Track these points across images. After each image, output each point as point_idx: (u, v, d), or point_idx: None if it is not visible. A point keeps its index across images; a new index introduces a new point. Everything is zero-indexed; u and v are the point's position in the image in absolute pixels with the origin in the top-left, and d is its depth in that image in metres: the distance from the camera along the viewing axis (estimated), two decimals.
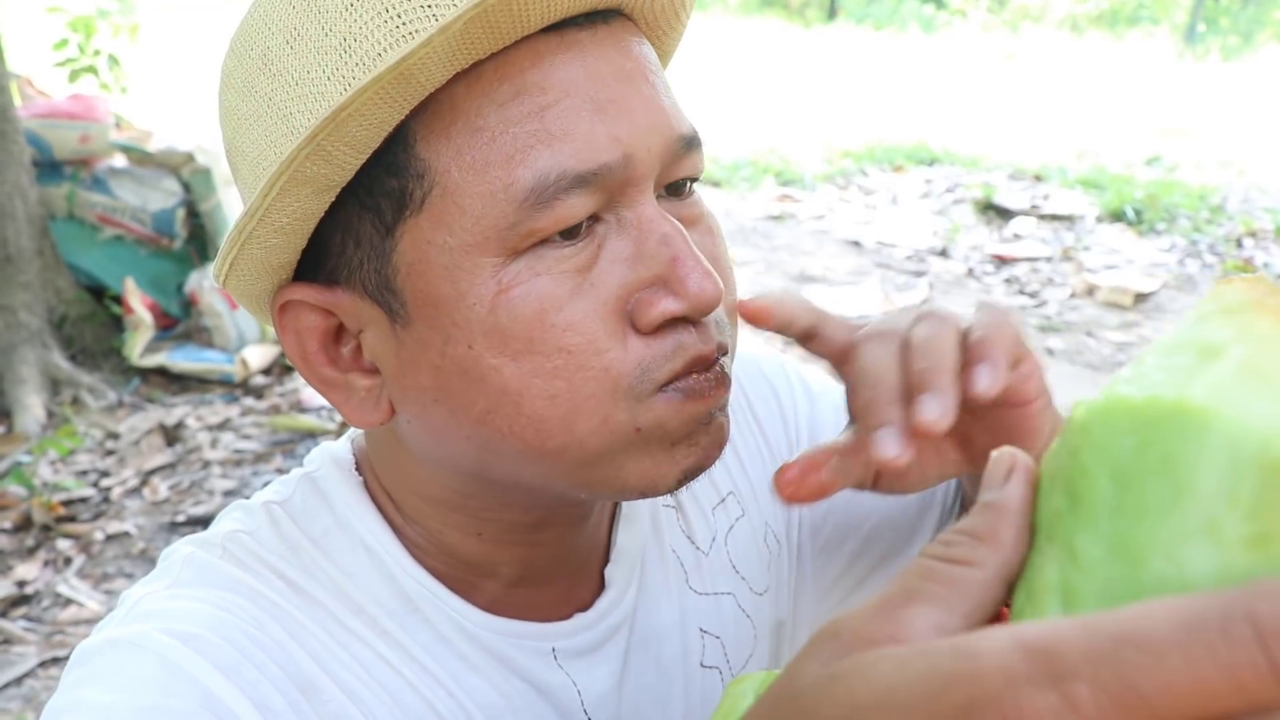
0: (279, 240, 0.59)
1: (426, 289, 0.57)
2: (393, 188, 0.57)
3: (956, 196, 6.93)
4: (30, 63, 5.14)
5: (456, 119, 0.55)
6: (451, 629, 0.68)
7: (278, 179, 0.55)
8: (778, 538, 0.88)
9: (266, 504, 0.70)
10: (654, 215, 0.58)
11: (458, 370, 0.58)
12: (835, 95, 10.02)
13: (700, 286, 0.57)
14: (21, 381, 3.59)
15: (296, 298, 0.62)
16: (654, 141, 0.58)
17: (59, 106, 4.01)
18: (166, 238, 4.08)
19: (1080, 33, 14.82)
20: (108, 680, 0.58)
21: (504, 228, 0.55)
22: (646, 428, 0.59)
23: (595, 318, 0.57)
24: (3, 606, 2.71)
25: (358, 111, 0.52)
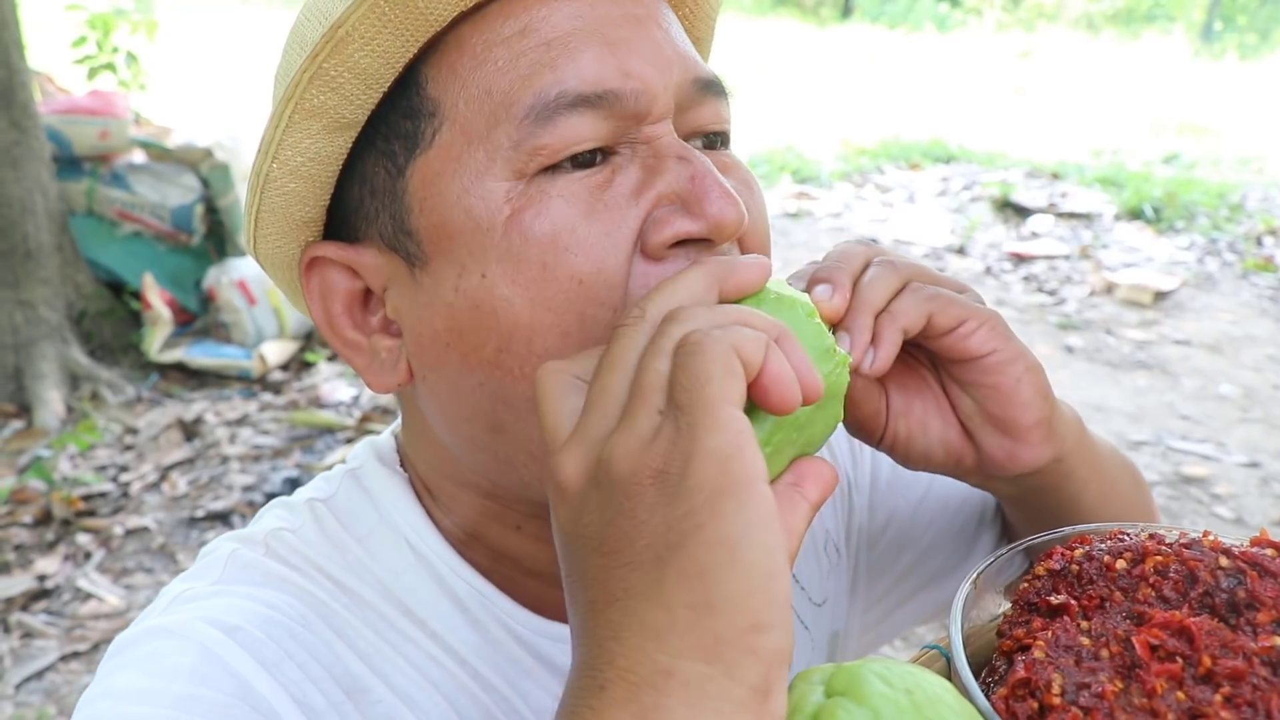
0: (296, 186, 0.58)
1: (440, 221, 0.57)
2: (407, 129, 0.57)
3: (974, 194, 6.90)
4: (50, 60, 5.17)
5: (463, 55, 0.56)
6: (501, 631, 0.67)
7: (285, 107, 0.55)
8: (837, 547, 0.87)
9: (310, 501, 0.68)
10: (671, 141, 0.57)
11: (470, 305, 0.56)
12: (851, 94, 9.99)
13: (720, 205, 0.54)
14: (41, 376, 3.60)
15: (320, 253, 0.61)
16: (667, 79, 0.57)
17: (79, 103, 4.02)
18: (185, 233, 4.09)
19: (1096, 31, 14.75)
20: (146, 666, 0.57)
21: (508, 147, 0.55)
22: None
23: (609, 241, 0.55)
24: (23, 600, 2.71)
25: (355, 31, 0.53)
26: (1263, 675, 0.49)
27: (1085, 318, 4.92)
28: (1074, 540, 0.58)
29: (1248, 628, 0.52)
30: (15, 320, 3.62)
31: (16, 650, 2.54)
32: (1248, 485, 3.43)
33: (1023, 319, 4.89)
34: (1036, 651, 0.50)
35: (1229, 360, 4.48)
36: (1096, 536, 0.58)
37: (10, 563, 2.85)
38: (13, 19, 3.55)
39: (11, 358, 3.62)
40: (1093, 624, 0.52)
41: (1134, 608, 0.53)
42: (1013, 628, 0.54)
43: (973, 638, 0.57)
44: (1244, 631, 0.52)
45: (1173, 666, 0.49)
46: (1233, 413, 3.99)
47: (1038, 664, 0.50)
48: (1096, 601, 0.54)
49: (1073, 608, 0.54)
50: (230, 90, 7.52)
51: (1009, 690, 0.49)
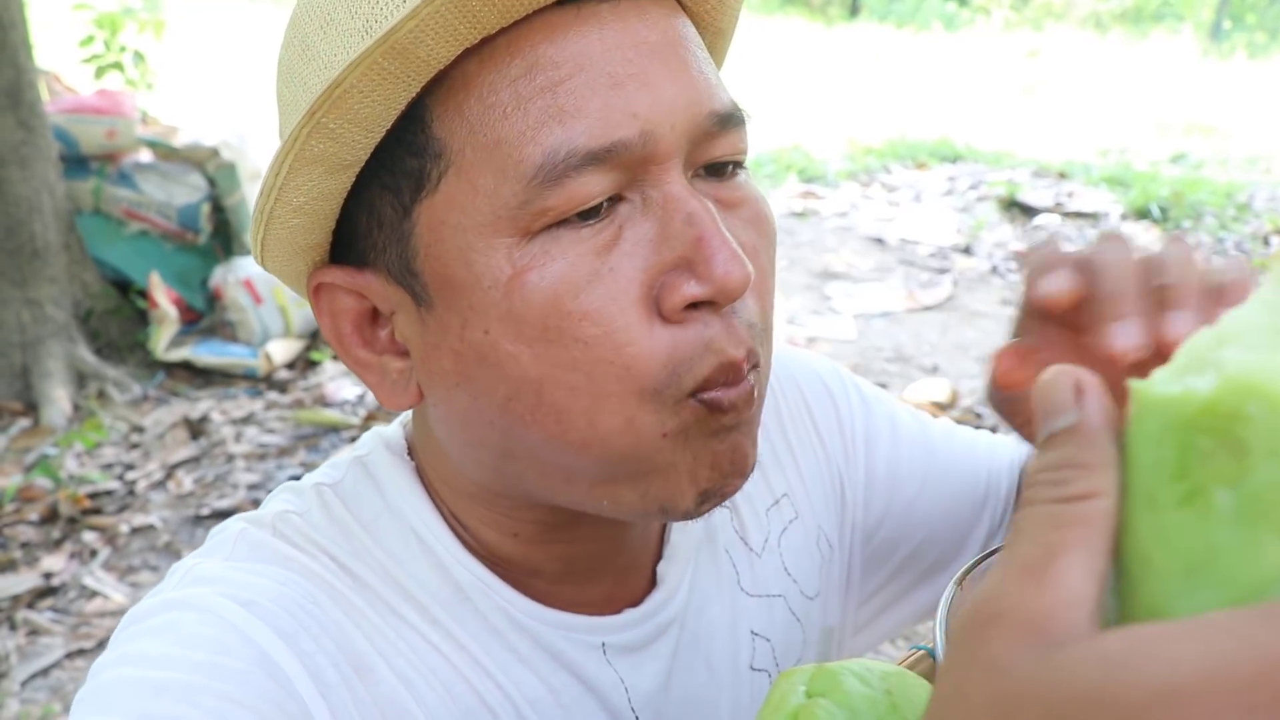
0: (300, 220, 0.58)
1: (443, 271, 0.56)
2: (412, 167, 0.56)
3: (980, 194, 6.89)
4: (58, 59, 5.19)
5: (469, 96, 0.54)
6: (501, 619, 0.67)
7: (285, 156, 0.54)
8: (830, 542, 0.87)
9: (317, 485, 0.69)
10: (680, 193, 0.55)
11: (476, 356, 0.57)
12: (858, 93, 9.98)
13: (726, 269, 0.53)
14: (48, 375, 3.61)
15: (328, 280, 0.61)
16: (679, 118, 0.55)
17: (86, 102, 4.03)
18: (191, 232, 4.10)
19: (1104, 30, 14.71)
20: (164, 636, 0.57)
21: (514, 206, 0.53)
22: (673, 432, 0.57)
23: (614, 306, 0.54)
24: (29, 598, 2.73)
25: (355, 87, 0.52)
26: None
27: None
28: None
29: None
30: (22, 319, 3.64)
31: (22, 647, 2.55)
32: None
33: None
34: None
35: None
36: None
37: (16, 560, 2.86)
38: (20, 19, 3.56)
39: (18, 356, 3.63)
40: None
41: None
42: None
43: None
44: None
45: None
46: None
47: None
48: None
49: None
50: (238, 89, 7.54)
51: None
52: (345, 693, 0.60)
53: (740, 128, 0.60)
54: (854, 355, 4.39)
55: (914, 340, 4.61)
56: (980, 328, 4.77)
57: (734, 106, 0.59)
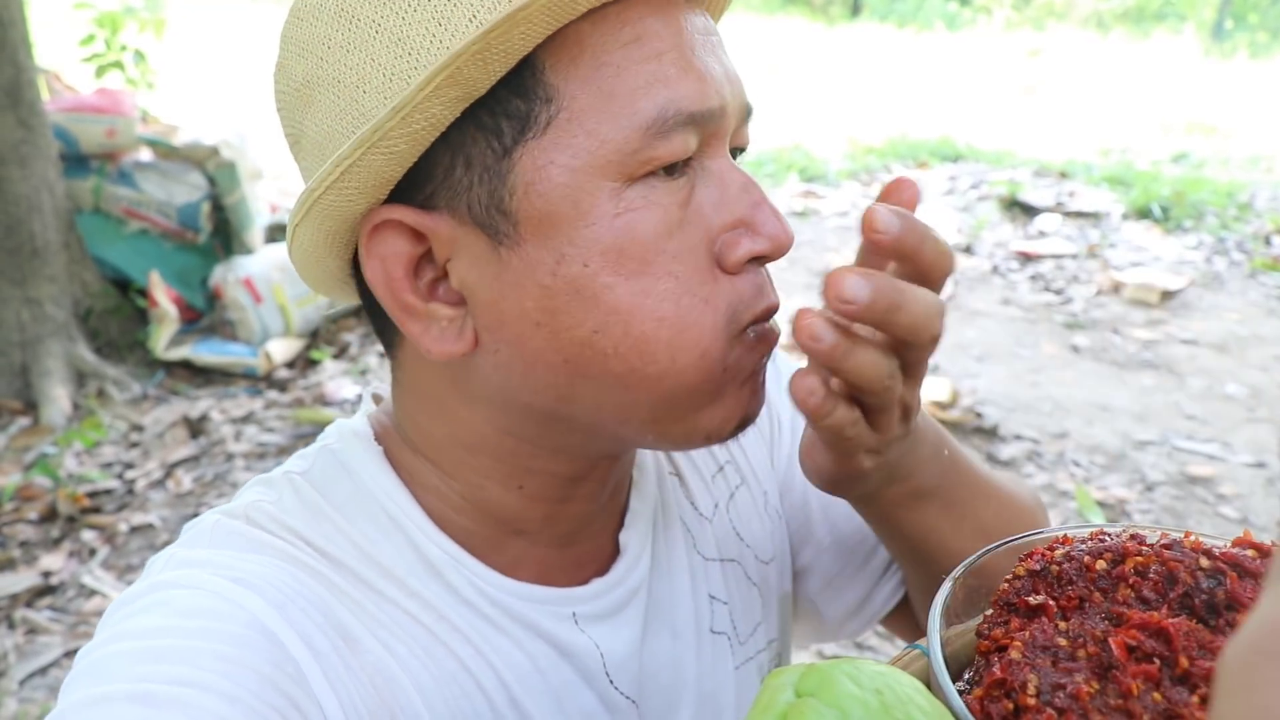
0: (405, 146, 0.59)
1: (545, 208, 0.59)
2: (519, 109, 0.59)
3: (981, 193, 6.88)
4: (58, 58, 5.18)
5: (583, 52, 0.58)
6: (474, 592, 0.70)
7: (437, 75, 0.55)
8: (778, 511, 0.90)
9: (287, 474, 0.71)
10: (731, 167, 0.64)
11: (569, 289, 0.60)
12: (859, 92, 9.98)
13: (780, 229, 0.63)
14: (47, 374, 3.61)
15: (395, 218, 0.61)
16: (735, 103, 0.63)
17: (86, 101, 4.03)
18: (191, 231, 4.10)
19: (1106, 30, 14.69)
20: (156, 611, 0.58)
21: (627, 153, 0.58)
22: (731, 366, 0.63)
23: (697, 249, 0.61)
24: (28, 597, 2.73)
25: (497, 40, 0.55)
26: None
27: (1092, 317, 4.90)
28: (1055, 541, 0.58)
29: (1227, 629, 0.52)
30: (22, 317, 3.64)
31: (21, 646, 2.55)
32: (1253, 485, 3.42)
33: (1029, 318, 4.88)
34: (1013, 652, 0.50)
35: (1236, 360, 4.47)
36: (1078, 537, 0.58)
37: (15, 559, 2.86)
38: (20, 17, 3.56)
39: (18, 355, 3.63)
40: (1070, 624, 0.52)
41: (1113, 608, 0.53)
42: (991, 628, 0.54)
43: (959, 638, 0.57)
44: (1223, 633, 0.52)
45: (1149, 667, 0.49)
46: (1239, 413, 3.98)
47: (1013, 664, 0.50)
48: (1075, 602, 0.54)
49: (1050, 608, 0.54)
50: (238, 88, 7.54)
51: (984, 691, 0.49)
52: (336, 659, 0.62)
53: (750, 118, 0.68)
54: None
55: None
56: (981, 327, 4.77)
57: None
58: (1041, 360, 4.41)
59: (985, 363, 4.35)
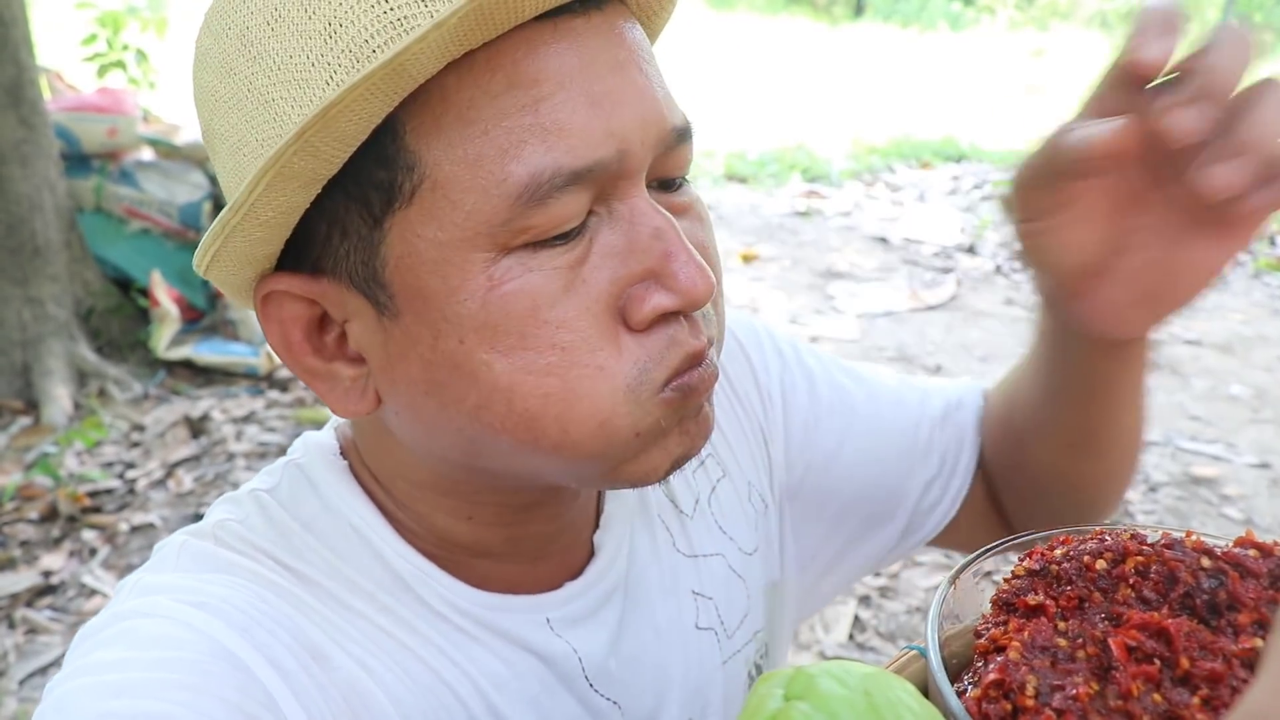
0: (263, 233, 0.57)
1: (415, 283, 0.56)
2: (381, 179, 0.55)
3: (985, 193, 6.87)
4: (60, 58, 5.19)
5: (448, 110, 0.53)
6: (444, 606, 0.69)
7: (264, 174, 0.52)
8: (763, 498, 0.89)
9: (253, 492, 0.70)
10: (645, 208, 0.57)
11: (449, 365, 0.57)
12: (862, 92, 9.97)
13: (693, 281, 0.56)
14: (49, 373, 3.61)
15: (280, 288, 0.60)
16: (648, 134, 0.57)
17: (87, 100, 4.03)
18: (193, 231, 4.10)
19: (1110, 30, 14.67)
20: (118, 643, 0.57)
21: (496, 224, 0.53)
22: (645, 431, 0.59)
23: (588, 315, 0.56)
24: (28, 596, 2.72)
25: (348, 108, 0.50)
26: (1242, 677, 0.48)
27: None
28: (1055, 540, 0.58)
29: (1228, 629, 0.51)
30: (23, 317, 3.64)
31: (21, 646, 2.55)
32: (1258, 486, 3.41)
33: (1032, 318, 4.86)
34: (1011, 653, 0.50)
35: (1240, 360, 4.45)
36: (1078, 536, 0.57)
37: (16, 559, 2.86)
38: (22, 17, 3.56)
39: (19, 354, 3.63)
40: (1070, 625, 0.51)
41: (1113, 608, 0.52)
42: (990, 628, 0.54)
43: (959, 638, 0.57)
44: (1224, 633, 0.51)
45: (1150, 668, 0.48)
46: (1243, 413, 3.96)
47: (1012, 665, 0.49)
48: (1075, 602, 0.53)
49: (1050, 608, 0.53)
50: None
51: (982, 692, 0.48)
52: (306, 678, 0.60)
53: (690, 141, 0.62)
54: (857, 355, 4.38)
55: (918, 340, 4.60)
56: (984, 327, 4.76)
57: (686, 120, 0.61)
58: None
59: (989, 363, 4.34)
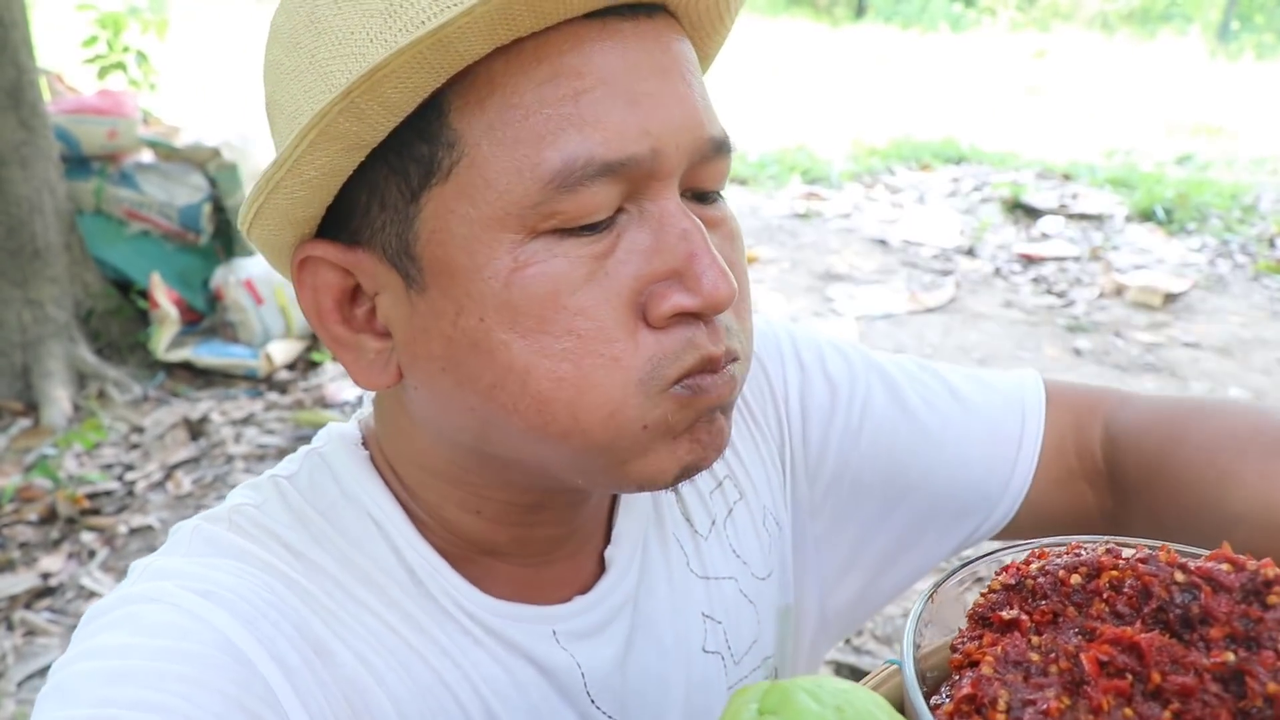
0: (305, 193, 0.59)
1: (444, 258, 0.58)
2: (422, 153, 0.57)
3: (984, 195, 6.87)
4: (61, 59, 5.19)
5: (493, 93, 0.55)
6: (452, 605, 0.69)
7: (309, 131, 0.55)
8: (778, 522, 0.88)
9: (274, 478, 0.71)
10: (675, 210, 0.59)
11: (468, 342, 0.58)
12: (863, 94, 9.97)
13: (715, 284, 0.57)
14: (48, 375, 3.62)
15: (317, 254, 0.62)
16: (683, 139, 0.58)
17: (87, 102, 4.03)
18: (192, 233, 4.11)
19: (1111, 31, 14.66)
20: (123, 627, 0.58)
21: (527, 206, 0.55)
22: (653, 424, 0.59)
23: (607, 306, 0.57)
24: (27, 598, 2.73)
25: (394, 73, 0.53)
26: (1213, 691, 0.49)
27: (1094, 320, 4.89)
28: (1032, 554, 0.58)
29: (1201, 643, 0.51)
30: (23, 319, 3.64)
31: (19, 648, 2.56)
32: None
33: (1031, 321, 4.87)
34: (984, 668, 0.50)
35: (1238, 363, 4.45)
36: (1054, 551, 0.58)
37: (15, 560, 2.87)
38: (22, 19, 3.57)
39: (19, 356, 3.64)
40: (1043, 639, 0.52)
41: (1086, 623, 0.53)
42: (965, 643, 0.54)
43: (939, 652, 0.57)
44: (1197, 647, 0.51)
45: (1121, 683, 0.49)
46: None
47: (985, 680, 0.49)
48: (1049, 617, 0.54)
49: (1024, 623, 0.53)
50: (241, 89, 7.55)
51: (954, 707, 0.49)
52: (308, 674, 0.61)
53: (729, 156, 0.63)
54: None
55: (916, 342, 4.60)
56: (983, 329, 4.76)
57: (725, 134, 0.62)
58: (1043, 363, 4.40)
59: (987, 365, 4.34)
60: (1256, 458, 0.71)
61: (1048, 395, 0.87)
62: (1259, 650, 0.50)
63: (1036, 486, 0.85)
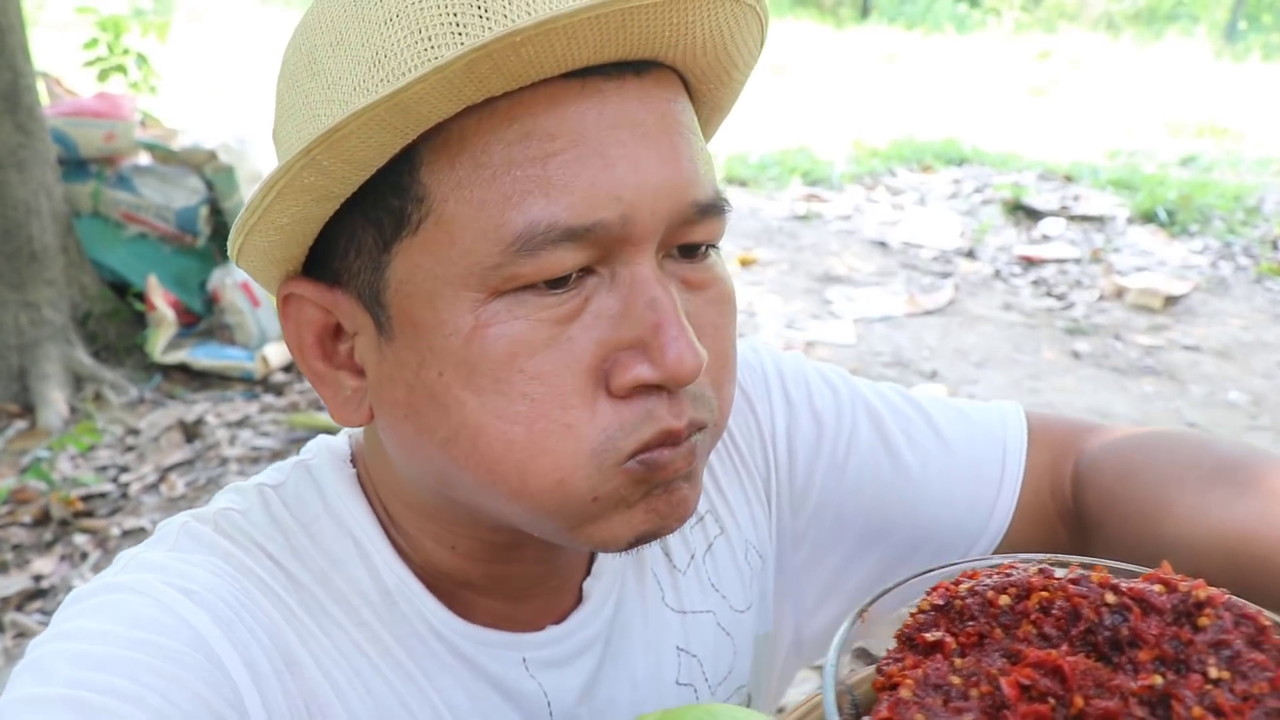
0: (280, 237, 0.60)
1: (410, 310, 0.58)
2: (393, 206, 0.57)
3: (985, 197, 6.86)
4: (62, 62, 5.21)
5: (463, 150, 0.55)
6: (424, 627, 0.69)
7: (276, 182, 0.55)
8: (760, 554, 0.87)
9: (260, 486, 0.72)
10: (647, 277, 0.57)
11: (427, 394, 0.58)
12: (866, 95, 9.95)
13: (679, 357, 0.55)
14: (45, 377, 3.63)
15: (298, 292, 0.63)
16: (660, 204, 0.56)
17: (85, 105, 4.04)
18: (190, 235, 4.11)
19: (1117, 32, 14.62)
20: (103, 613, 0.59)
21: (487, 267, 0.55)
22: (604, 496, 0.59)
23: (566, 371, 0.56)
24: (18, 600, 2.74)
25: (353, 133, 0.52)
26: (1138, 716, 0.48)
27: (1094, 322, 4.88)
28: (962, 575, 0.58)
29: (1129, 666, 0.51)
30: (20, 321, 3.66)
31: (10, 650, 2.56)
32: None
33: (1030, 324, 4.85)
34: (903, 691, 0.50)
35: (1239, 367, 4.44)
36: (985, 571, 0.57)
37: (8, 562, 2.87)
38: (18, 22, 3.58)
39: (16, 358, 3.65)
40: (966, 662, 0.51)
41: (1012, 645, 0.52)
42: (889, 664, 0.54)
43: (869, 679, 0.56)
44: (1124, 670, 0.51)
45: (1042, 707, 0.48)
46: (1241, 420, 3.95)
47: (902, 704, 0.49)
48: (975, 639, 0.53)
49: (948, 645, 0.53)
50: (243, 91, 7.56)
51: None
52: (275, 683, 0.62)
53: (720, 216, 0.61)
54: (852, 359, 4.38)
55: (914, 344, 4.59)
56: (981, 332, 4.75)
57: (716, 196, 0.60)
58: (1041, 366, 4.39)
59: (984, 368, 4.34)
60: (1191, 489, 0.71)
61: (1029, 433, 0.87)
62: (1188, 674, 0.50)
63: (1014, 526, 0.85)
